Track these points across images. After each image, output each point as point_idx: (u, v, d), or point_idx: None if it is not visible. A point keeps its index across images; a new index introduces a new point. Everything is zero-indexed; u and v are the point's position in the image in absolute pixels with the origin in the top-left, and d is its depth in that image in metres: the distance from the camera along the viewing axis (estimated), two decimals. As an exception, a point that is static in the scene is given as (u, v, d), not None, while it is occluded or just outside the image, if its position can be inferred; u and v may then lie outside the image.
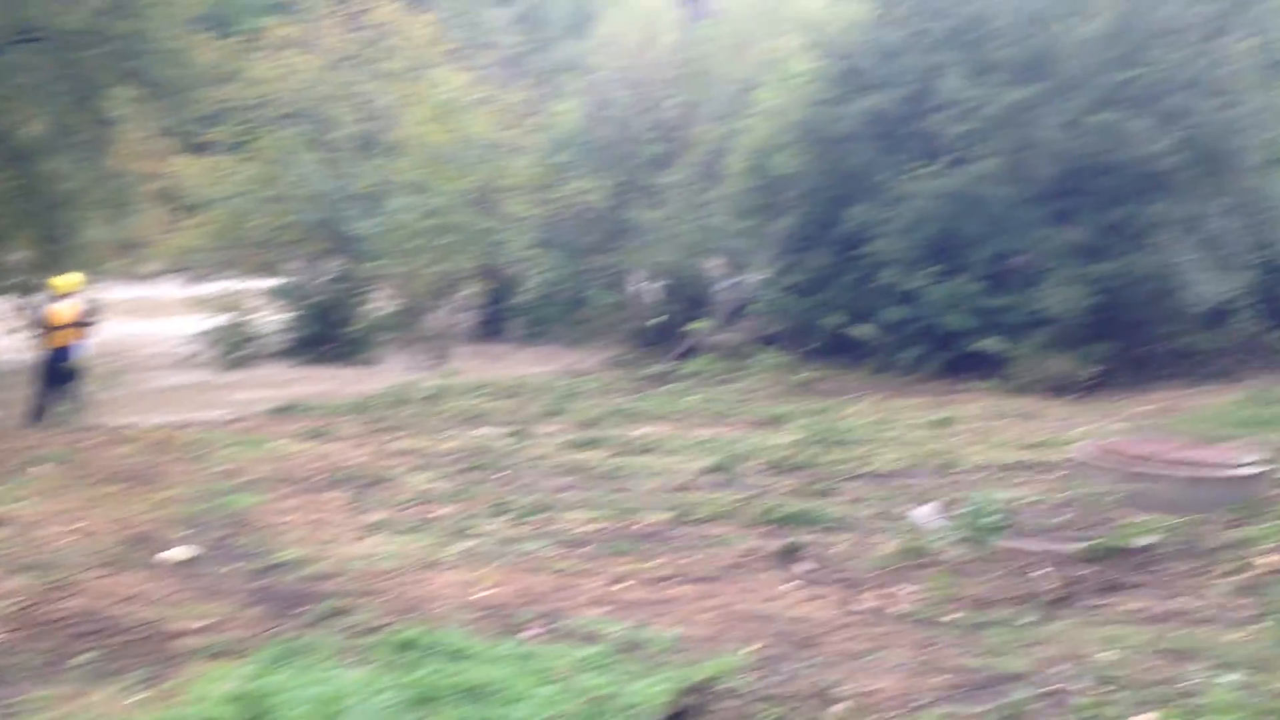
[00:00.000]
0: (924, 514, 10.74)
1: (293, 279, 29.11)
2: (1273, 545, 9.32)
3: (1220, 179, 22.31)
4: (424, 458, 14.49)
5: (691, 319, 26.27)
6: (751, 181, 25.66)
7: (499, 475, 13.45)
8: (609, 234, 28.84)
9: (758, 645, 7.37)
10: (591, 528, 10.90)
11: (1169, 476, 10.92)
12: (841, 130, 23.88)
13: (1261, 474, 11.31)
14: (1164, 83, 21.37)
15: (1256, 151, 22.54)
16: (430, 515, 11.42)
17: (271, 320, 28.63)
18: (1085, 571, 8.93)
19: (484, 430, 16.67)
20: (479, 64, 32.96)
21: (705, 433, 16.41)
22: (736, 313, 27.31)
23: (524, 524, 11.08)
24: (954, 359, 22.32)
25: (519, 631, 7.67)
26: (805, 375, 21.97)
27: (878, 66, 23.75)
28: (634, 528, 10.90)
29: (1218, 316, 23.57)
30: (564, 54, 40.59)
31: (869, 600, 8.54)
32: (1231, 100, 21.54)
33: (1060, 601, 8.29)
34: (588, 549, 10.14)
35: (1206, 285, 21.65)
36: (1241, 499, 10.76)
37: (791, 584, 9.00)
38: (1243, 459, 11.51)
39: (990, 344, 21.62)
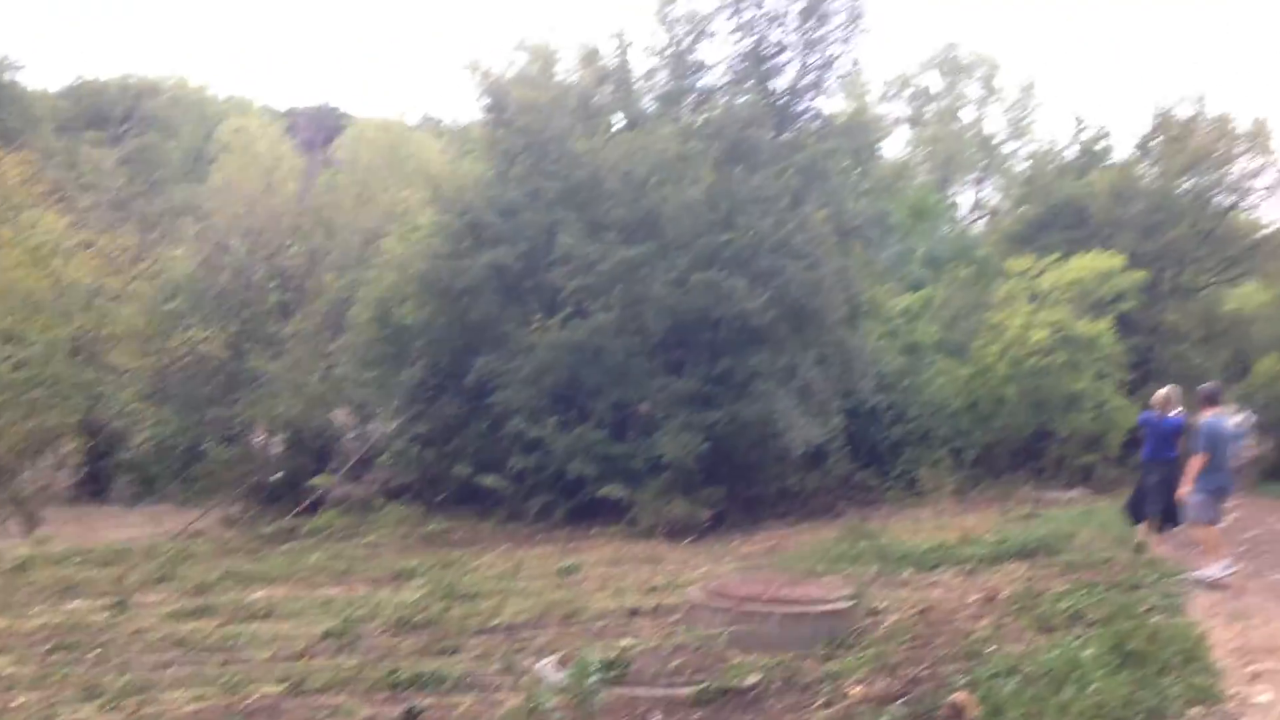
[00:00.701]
0: (546, 667, 10.80)
1: None
2: (863, 675, 10.06)
3: (809, 333, 24.54)
4: (3, 639, 13.02)
5: (316, 473, 25.51)
6: (377, 331, 25.56)
7: (92, 654, 12.28)
8: (227, 385, 27.64)
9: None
10: (194, 708, 10.12)
11: (771, 615, 11.57)
12: (465, 283, 24.35)
13: (852, 607, 12.23)
14: (756, 245, 23.40)
15: (838, 308, 25.03)
16: (8, 706, 10.23)
17: None
18: (696, 715, 9.25)
19: (77, 603, 15.23)
20: (80, 206, 31.08)
21: (328, 593, 15.78)
22: (363, 465, 26.81)
23: (117, 709, 10.14)
24: (580, 506, 22.89)
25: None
26: (434, 527, 21.76)
27: (498, 222, 24.55)
28: (243, 704, 10.23)
29: (816, 458, 25.69)
30: (178, 198, 39.18)
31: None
32: (814, 262, 23.87)
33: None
34: (190, 732, 9.41)
35: (803, 430, 23.58)
36: (836, 632, 11.56)
37: (413, 753, 8.73)
38: (835, 594, 12.41)
39: (612, 490, 22.38)
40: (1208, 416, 14.48)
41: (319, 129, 47.20)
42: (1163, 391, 17.15)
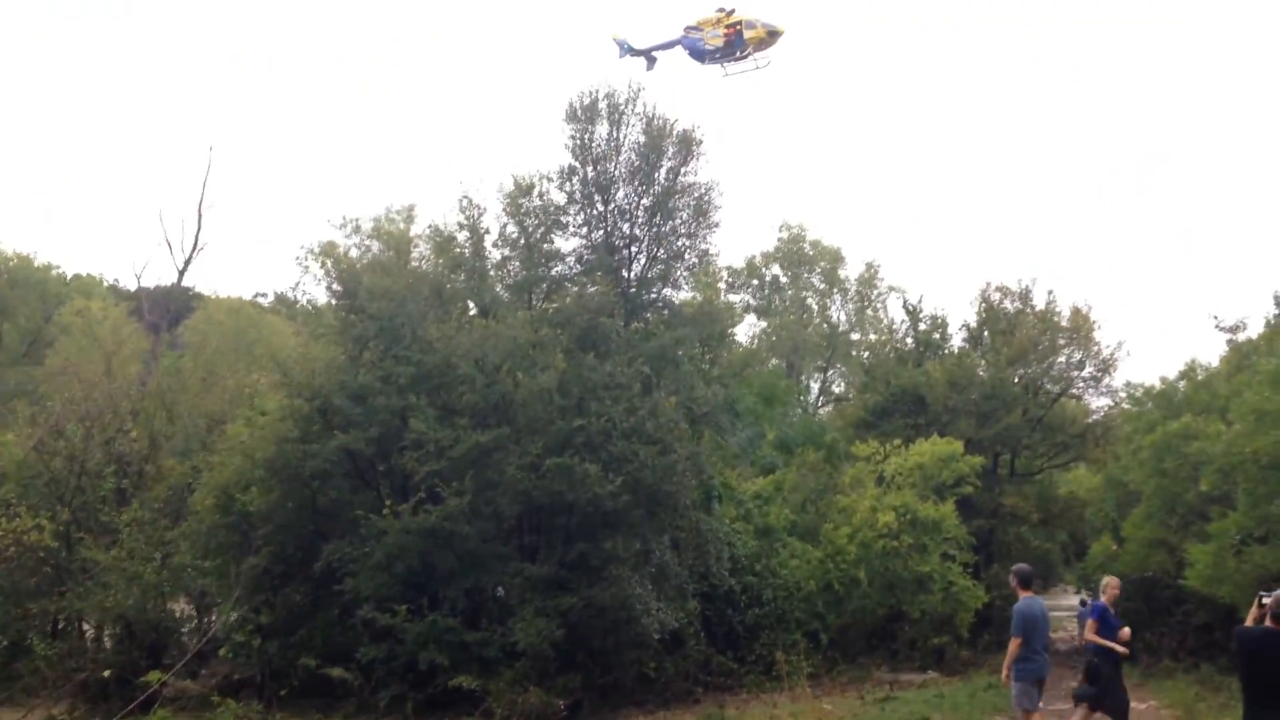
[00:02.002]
0: None
1: None
2: None
3: (663, 517, 24.68)
4: None
5: (150, 668, 24.00)
6: (220, 518, 24.70)
7: None
8: (56, 576, 26.12)
9: None
10: None
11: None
12: (314, 467, 23.89)
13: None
14: (608, 431, 23.66)
15: (691, 492, 25.31)
16: None
17: None
18: None
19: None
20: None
21: (156, 800, 14.77)
22: (201, 659, 25.42)
23: None
24: (433, 697, 22.08)
25: None
26: (277, 723, 20.67)
27: (349, 406, 24.30)
28: None
29: (673, 643, 25.48)
30: (12, 381, 37.77)
31: None
32: (666, 447, 24.21)
33: None
34: None
35: (659, 614, 23.47)
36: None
37: None
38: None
39: (466, 680, 21.71)
40: (1021, 599, 13.64)
41: (166, 310, 46.32)
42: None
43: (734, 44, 35.56)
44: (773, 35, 35.51)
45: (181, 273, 41.27)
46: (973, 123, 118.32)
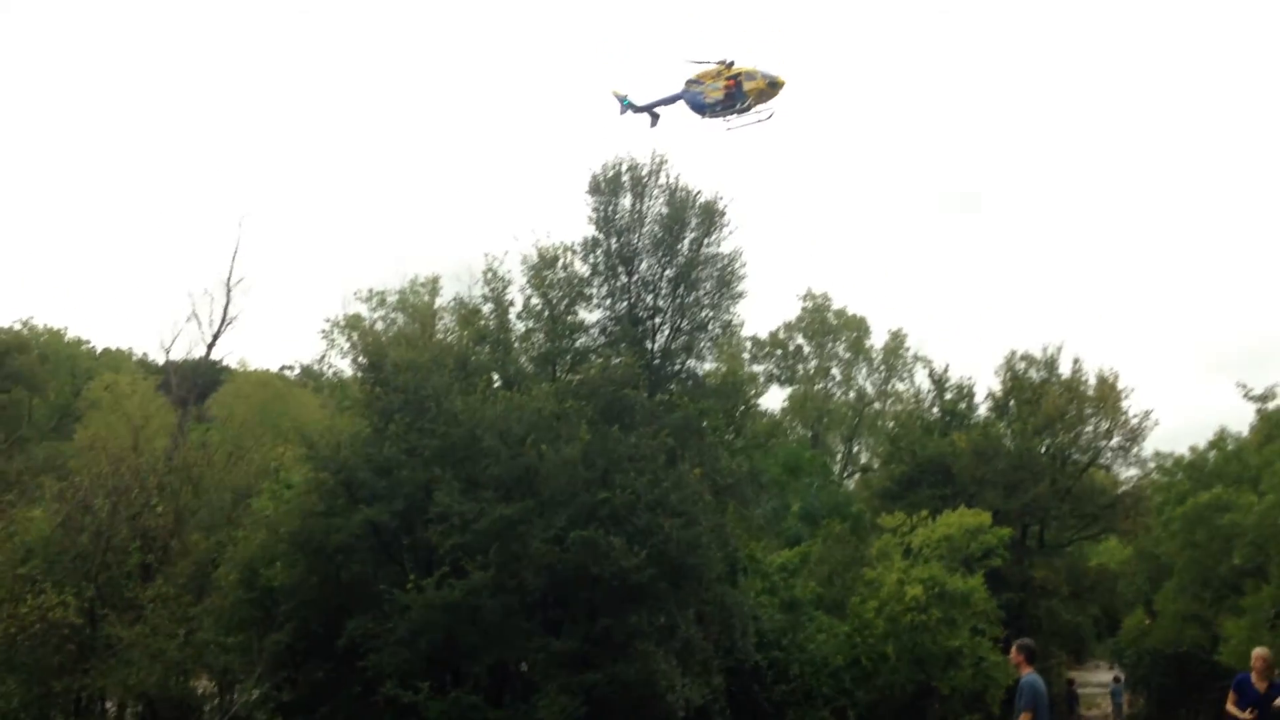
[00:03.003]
0: None
1: None
2: None
3: (688, 590, 24.49)
4: None
5: (172, 747, 23.92)
6: (244, 593, 24.66)
7: None
8: (80, 653, 26.01)
9: None
10: None
11: None
12: (338, 541, 23.87)
13: None
14: (633, 503, 23.58)
15: (716, 565, 25.12)
16: None
17: None
18: None
19: None
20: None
21: None
22: (225, 736, 25.23)
23: None
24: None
25: None
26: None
27: (374, 479, 24.34)
28: None
29: (700, 717, 25.14)
30: (41, 456, 38.02)
31: None
32: (691, 519, 24.09)
33: None
34: None
35: (684, 690, 23.18)
36: None
37: None
38: None
39: (488, 759, 21.49)
40: (1027, 674, 13.26)
41: (194, 383, 46.72)
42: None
43: (735, 96, 35.19)
44: (774, 86, 35.03)
45: (210, 346, 41.62)
46: (993, 181, 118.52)
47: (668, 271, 37.19)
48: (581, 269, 37.13)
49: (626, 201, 37.22)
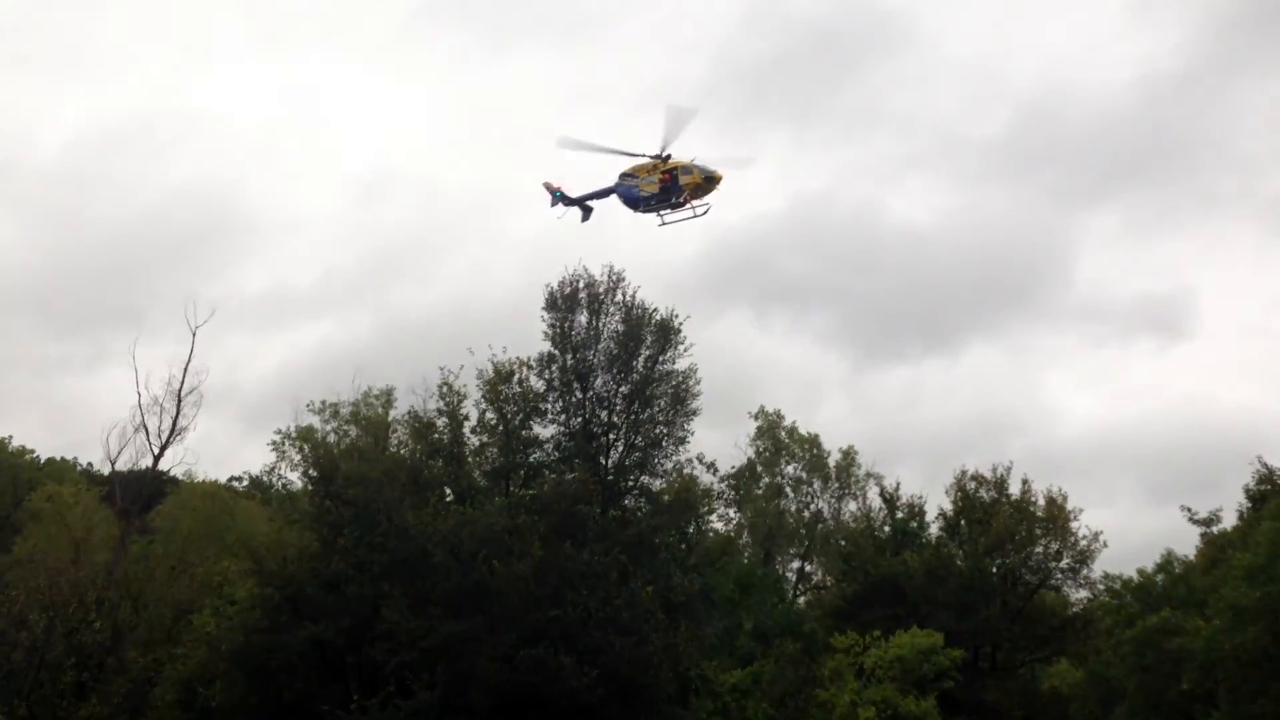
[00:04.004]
0: None
1: None
2: None
3: (639, 710, 24.08)
4: None
5: None
6: (181, 714, 23.99)
7: None
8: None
9: None
10: None
11: None
12: (281, 659, 23.37)
13: None
14: (584, 620, 23.31)
15: (668, 684, 24.77)
16: None
17: None
18: None
19: None
20: None
21: None
22: None
23: None
24: None
25: None
26: None
27: (321, 596, 23.94)
28: None
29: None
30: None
31: None
32: (642, 638, 23.82)
33: None
34: None
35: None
36: None
37: None
38: None
39: None
40: None
41: (140, 495, 45.76)
42: None
43: (670, 190, 34.37)
44: (710, 181, 33.62)
45: (157, 458, 40.98)
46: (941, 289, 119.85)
47: (623, 388, 37.28)
48: (537, 384, 37.15)
49: (583, 318, 37.43)
